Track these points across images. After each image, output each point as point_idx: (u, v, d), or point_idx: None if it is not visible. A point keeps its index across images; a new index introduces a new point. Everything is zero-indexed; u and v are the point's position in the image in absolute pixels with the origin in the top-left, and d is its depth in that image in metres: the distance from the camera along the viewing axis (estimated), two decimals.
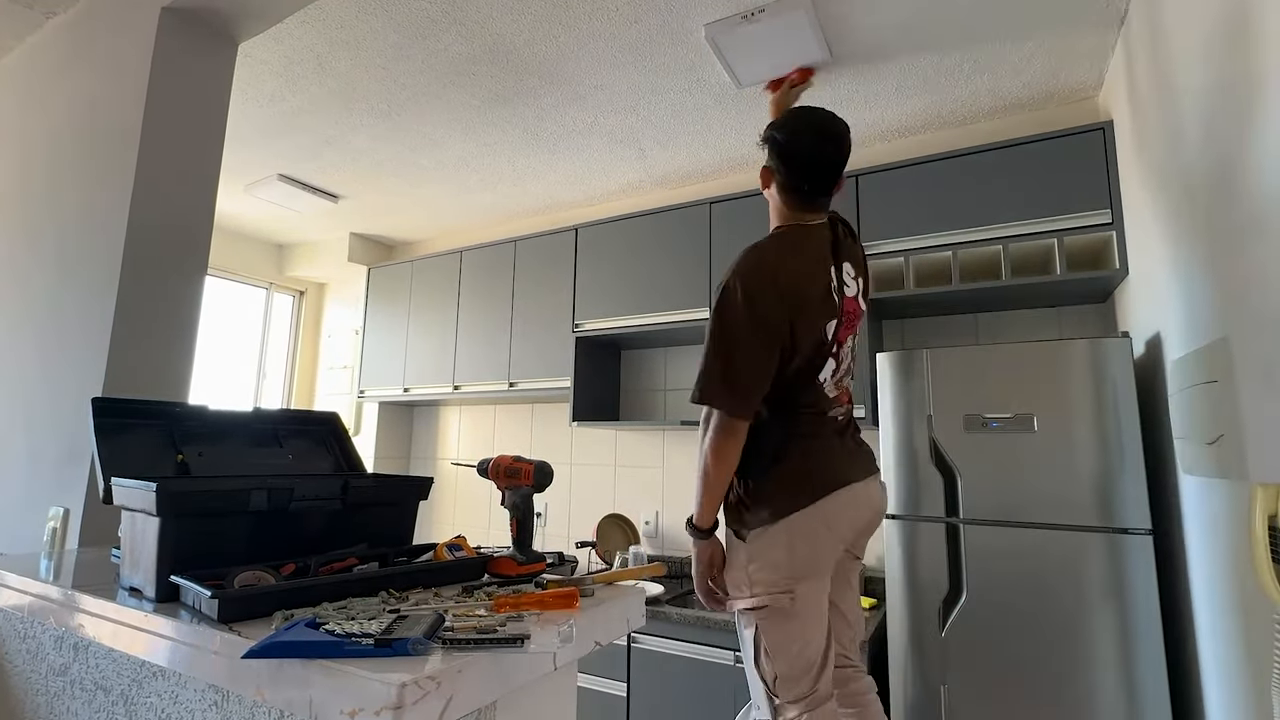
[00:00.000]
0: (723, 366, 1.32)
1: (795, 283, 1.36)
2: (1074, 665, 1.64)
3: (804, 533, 1.32)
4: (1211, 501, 1.38)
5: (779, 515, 1.33)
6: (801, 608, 1.31)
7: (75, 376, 1.59)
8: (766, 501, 1.35)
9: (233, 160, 2.89)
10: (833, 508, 1.34)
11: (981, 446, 1.81)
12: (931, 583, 1.83)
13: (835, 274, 1.43)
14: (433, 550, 1.09)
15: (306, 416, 1.39)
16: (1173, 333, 1.56)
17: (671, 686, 2.15)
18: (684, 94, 2.30)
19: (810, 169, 1.42)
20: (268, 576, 0.87)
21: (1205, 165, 1.29)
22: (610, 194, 3.21)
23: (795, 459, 1.36)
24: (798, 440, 1.38)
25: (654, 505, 2.96)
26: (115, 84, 1.74)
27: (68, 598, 0.97)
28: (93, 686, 1.02)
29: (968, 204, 2.14)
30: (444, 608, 0.84)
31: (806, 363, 1.37)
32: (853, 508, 1.37)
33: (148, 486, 0.86)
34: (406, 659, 0.66)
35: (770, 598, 1.32)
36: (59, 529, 1.49)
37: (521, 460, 1.12)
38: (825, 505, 1.33)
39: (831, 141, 1.43)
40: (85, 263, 1.66)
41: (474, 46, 2.05)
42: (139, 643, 0.84)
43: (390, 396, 3.47)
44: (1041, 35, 1.95)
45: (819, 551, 1.33)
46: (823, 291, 1.39)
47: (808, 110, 1.48)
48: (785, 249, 1.41)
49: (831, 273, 1.42)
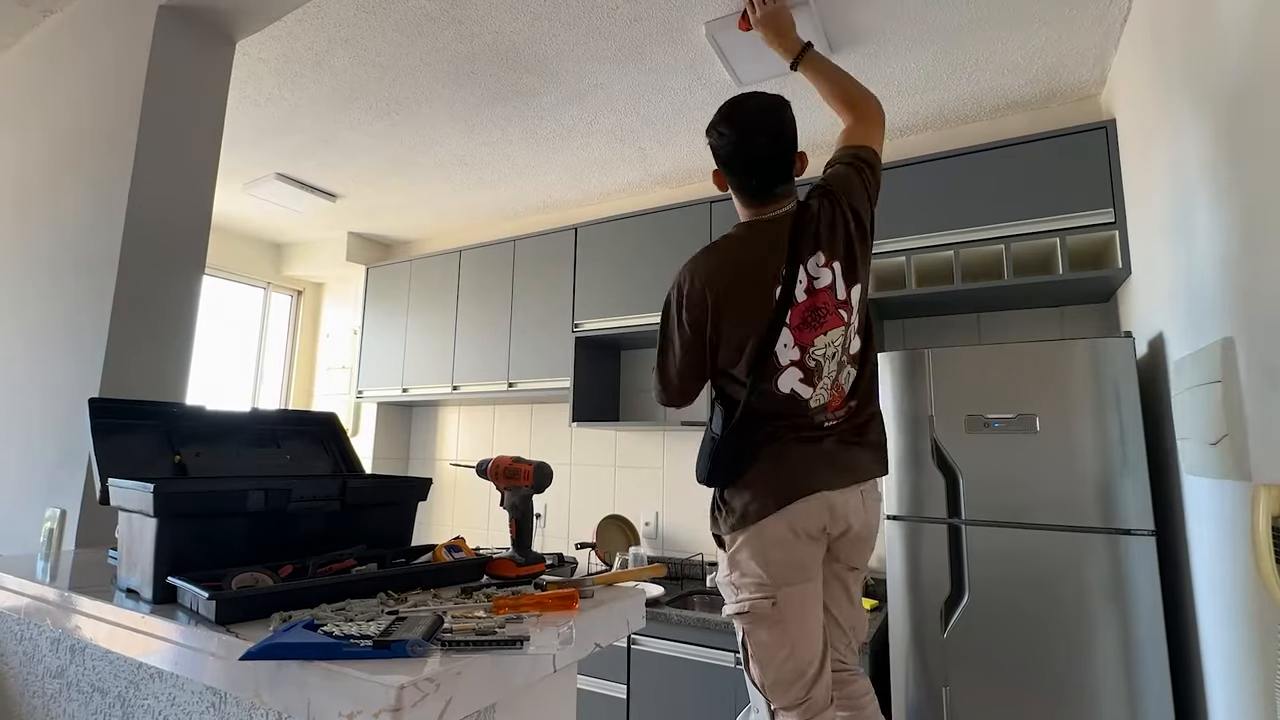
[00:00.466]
0: (659, 362, 1.45)
1: (719, 284, 1.35)
2: (1076, 667, 1.64)
3: (775, 540, 1.30)
4: (1214, 503, 1.38)
5: (748, 522, 1.32)
6: (786, 614, 1.30)
7: (72, 377, 1.59)
8: (736, 508, 1.34)
9: (230, 159, 2.89)
10: (800, 515, 1.30)
11: (983, 447, 1.82)
12: (933, 584, 1.83)
13: (791, 269, 1.33)
14: (431, 551, 1.09)
15: (304, 417, 1.39)
16: (1176, 332, 1.56)
17: (672, 688, 2.15)
18: (685, 93, 2.30)
19: (747, 168, 1.37)
20: (265, 578, 0.87)
21: (1209, 163, 1.29)
22: (610, 193, 3.21)
23: (762, 465, 1.34)
24: (765, 446, 1.34)
25: (654, 506, 2.96)
26: (112, 82, 1.74)
27: (64, 599, 0.97)
28: (90, 688, 1.02)
29: (970, 203, 2.15)
30: (443, 609, 0.84)
31: (752, 366, 1.33)
32: (824, 516, 1.32)
33: (145, 487, 0.86)
34: (405, 660, 0.66)
35: (752, 603, 1.32)
36: (56, 530, 1.49)
37: (521, 461, 1.12)
38: (791, 512, 1.30)
39: (763, 133, 1.35)
40: (82, 262, 1.66)
41: (473, 45, 2.05)
42: (136, 644, 0.84)
43: (389, 397, 3.47)
44: (1043, 33, 1.95)
45: (795, 557, 1.31)
46: (762, 292, 1.33)
47: (738, 103, 1.39)
48: (720, 249, 1.41)
49: (782, 270, 1.33)
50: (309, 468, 1.32)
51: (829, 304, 1.34)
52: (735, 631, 1.39)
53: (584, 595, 0.96)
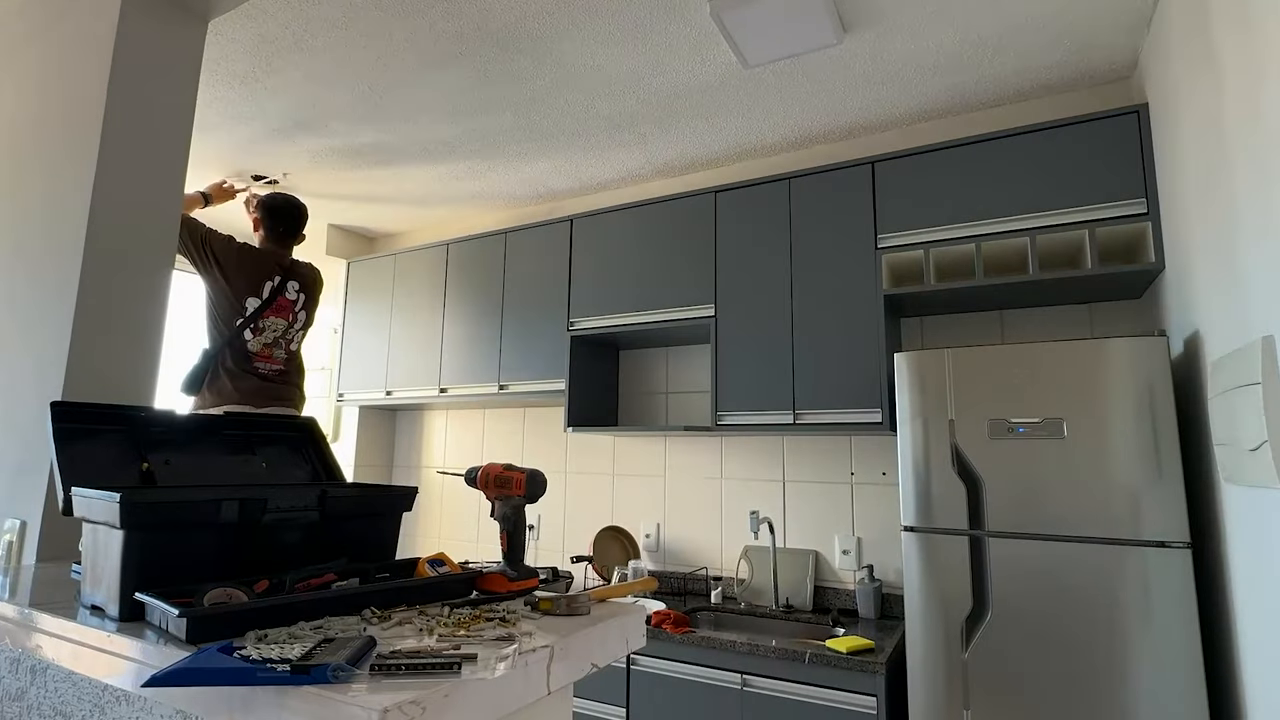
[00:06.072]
0: None
1: None
2: (1106, 688, 1.64)
3: None
4: (1256, 512, 1.38)
5: None
6: None
7: (33, 378, 1.59)
8: None
9: (202, 145, 2.89)
10: None
11: (1007, 453, 1.82)
12: (953, 599, 1.83)
13: None
14: (414, 566, 1.09)
15: (281, 422, 1.39)
16: (1213, 331, 1.57)
17: (674, 711, 2.15)
18: (687, 75, 2.30)
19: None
20: (240, 594, 0.87)
21: (1256, 147, 1.29)
22: (608, 182, 3.21)
23: None
24: None
25: (655, 517, 2.96)
26: (77, 65, 1.74)
27: (24, 617, 0.97)
28: (51, 712, 1.02)
29: (992, 193, 2.15)
30: (429, 626, 0.84)
31: None
32: None
33: (110, 497, 0.86)
34: (393, 682, 0.66)
35: None
36: (15, 543, 1.49)
37: (512, 469, 1.12)
38: None
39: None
40: (44, 255, 1.66)
41: (461, 24, 2.05)
42: (101, 665, 0.84)
43: (371, 400, 3.47)
44: (1072, 9, 1.96)
45: None
46: None
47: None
48: None
49: None
50: (286, 476, 1.32)
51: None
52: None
53: (580, 612, 0.96)
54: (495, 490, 1.13)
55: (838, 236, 2.38)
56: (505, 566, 1.09)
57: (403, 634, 0.82)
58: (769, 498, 2.73)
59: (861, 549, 2.54)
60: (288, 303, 2.45)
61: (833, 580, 2.57)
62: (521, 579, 1.08)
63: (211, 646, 0.72)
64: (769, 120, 2.60)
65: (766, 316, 2.46)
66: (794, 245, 2.45)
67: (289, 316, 2.46)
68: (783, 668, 2.00)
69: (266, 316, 2.39)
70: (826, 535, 2.60)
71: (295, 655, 0.70)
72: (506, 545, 1.11)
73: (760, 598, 2.61)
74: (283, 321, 2.44)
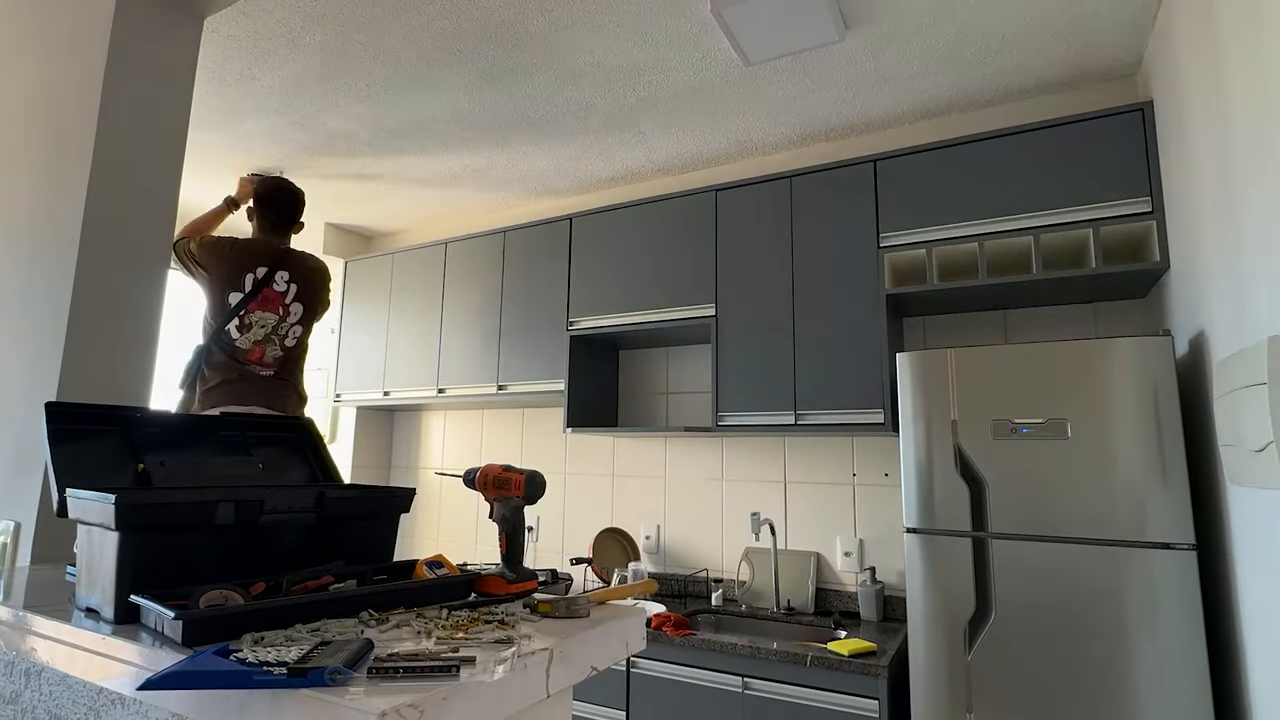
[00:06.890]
0: None
1: None
2: (1110, 691, 1.64)
3: None
4: (1261, 514, 1.38)
5: None
6: None
7: (27, 379, 1.59)
8: None
9: (198, 144, 2.89)
10: None
11: (1010, 454, 1.82)
12: (956, 601, 1.83)
13: None
14: (412, 568, 1.09)
15: (278, 423, 1.39)
16: (1219, 330, 1.57)
17: (675, 715, 2.15)
18: (688, 71, 2.30)
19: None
20: (236, 596, 0.87)
21: (1264, 144, 1.29)
22: (607, 180, 3.21)
23: None
24: None
25: (655, 519, 2.96)
26: (71, 62, 1.74)
27: (18, 619, 0.97)
28: (46, 716, 1.02)
29: (996, 191, 2.15)
30: (427, 629, 0.84)
31: None
32: None
33: (105, 498, 0.86)
34: (390, 685, 0.67)
35: None
36: (9, 544, 1.49)
37: (511, 470, 1.12)
38: None
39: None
40: (38, 255, 1.66)
41: (460, 21, 2.05)
42: (96, 668, 0.84)
43: (369, 400, 3.47)
44: (1076, 5, 1.96)
45: None
46: None
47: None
48: None
49: None
50: (283, 477, 1.32)
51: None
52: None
53: (579, 615, 0.96)
54: (494, 491, 1.13)
55: (839, 235, 2.38)
56: (504, 568, 1.09)
57: (400, 636, 0.82)
58: (770, 499, 2.73)
59: (863, 551, 2.54)
60: (275, 295, 2.26)
61: (834, 582, 2.57)
62: (520, 581, 1.08)
63: (208, 649, 0.72)
64: (770, 118, 2.60)
65: (767, 316, 2.46)
66: (795, 244, 2.45)
67: (278, 310, 2.26)
68: (784, 670, 2.00)
69: (252, 310, 2.21)
70: (828, 537, 2.61)
71: (292, 658, 0.70)
72: (505, 547, 1.11)
73: (761, 600, 2.61)
74: (272, 316, 2.24)
